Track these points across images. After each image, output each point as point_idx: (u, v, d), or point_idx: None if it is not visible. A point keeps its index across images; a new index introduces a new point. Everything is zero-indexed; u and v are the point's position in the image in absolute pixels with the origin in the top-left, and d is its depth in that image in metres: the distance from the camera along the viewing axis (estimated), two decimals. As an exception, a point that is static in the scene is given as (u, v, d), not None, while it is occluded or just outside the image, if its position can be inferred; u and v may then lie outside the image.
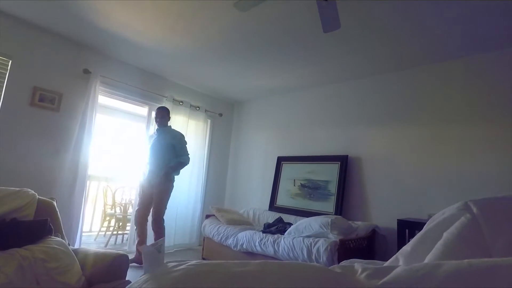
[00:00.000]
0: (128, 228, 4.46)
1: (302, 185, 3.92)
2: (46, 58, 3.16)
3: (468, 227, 0.47)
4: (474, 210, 0.50)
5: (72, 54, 3.36)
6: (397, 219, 2.84)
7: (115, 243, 4.46)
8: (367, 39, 2.84)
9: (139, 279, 0.41)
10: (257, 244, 3.07)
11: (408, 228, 2.77)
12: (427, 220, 2.40)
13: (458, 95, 3.00)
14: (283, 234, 3.06)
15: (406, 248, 0.55)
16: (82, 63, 3.42)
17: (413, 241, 0.56)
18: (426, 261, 0.45)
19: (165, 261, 0.47)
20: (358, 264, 0.37)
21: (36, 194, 1.88)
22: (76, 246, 3.07)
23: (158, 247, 0.48)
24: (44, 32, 3.14)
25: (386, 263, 0.60)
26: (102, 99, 4.04)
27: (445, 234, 0.48)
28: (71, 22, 2.95)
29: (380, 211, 3.30)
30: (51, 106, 3.17)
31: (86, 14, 2.79)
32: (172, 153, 3.35)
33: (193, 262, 0.41)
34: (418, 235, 0.56)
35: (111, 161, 5.83)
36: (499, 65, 2.81)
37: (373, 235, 3.08)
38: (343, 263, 1.58)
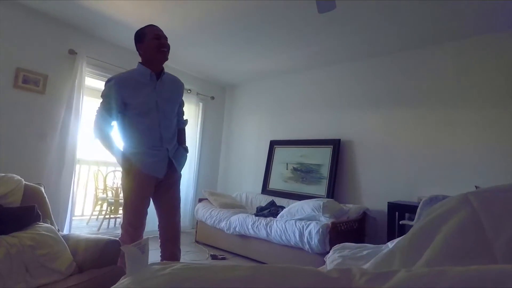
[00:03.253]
0: (120, 212, 4.44)
1: (295, 169, 3.93)
2: (29, 38, 3.01)
3: (468, 222, 0.45)
4: (474, 203, 0.48)
5: (57, 34, 3.20)
6: (388, 202, 2.88)
7: (108, 227, 4.46)
8: (362, 20, 2.76)
9: (120, 282, 0.39)
10: (249, 227, 3.10)
11: (398, 211, 2.82)
12: (417, 203, 2.42)
13: (451, 79, 2.98)
14: (276, 217, 3.09)
15: (403, 242, 0.53)
16: (67, 44, 3.27)
17: (410, 234, 0.54)
18: (425, 257, 0.43)
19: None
20: (355, 268, 0.35)
21: (23, 180, 1.83)
22: (66, 231, 3.05)
23: (142, 247, 0.45)
24: (26, 10, 2.97)
25: (381, 255, 0.59)
26: (91, 81, 3.92)
27: (444, 229, 0.47)
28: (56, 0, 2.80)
29: (371, 194, 3.34)
30: (36, 88, 3.05)
31: (68, -10, 2.64)
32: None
33: (179, 265, 0.38)
34: (416, 227, 0.55)
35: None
36: (492, 48, 2.78)
37: (364, 217, 3.13)
38: (336, 247, 1.59)
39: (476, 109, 2.82)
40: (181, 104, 2.08)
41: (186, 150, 2.04)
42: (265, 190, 4.15)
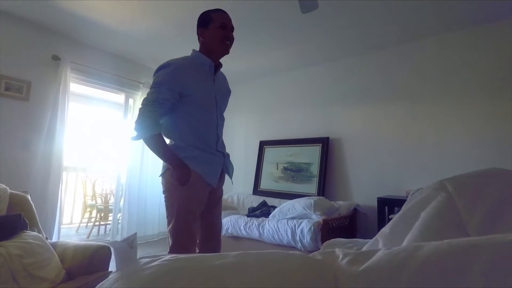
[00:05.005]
0: (110, 218, 4.37)
1: (285, 168, 3.95)
2: (10, 45, 2.94)
3: (444, 206, 0.47)
4: (450, 188, 0.51)
5: (39, 40, 3.14)
6: (377, 197, 2.92)
7: (98, 233, 4.38)
8: (341, 20, 2.81)
9: (110, 277, 0.39)
10: (242, 228, 3.10)
11: (387, 206, 2.86)
12: (406, 197, 2.48)
13: (432, 73, 3.06)
14: (268, 217, 3.10)
15: (385, 229, 0.55)
16: (50, 49, 3.21)
17: (392, 222, 0.56)
18: (405, 242, 0.45)
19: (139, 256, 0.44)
20: (339, 250, 0.36)
21: (8, 188, 1.79)
22: (55, 239, 2.98)
23: (130, 242, 0.45)
24: (7, 16, 2.91)
25: (366, 245, 0.60)
26: (75, 87, 3.86)
27: (422, 214, 0.49)
28: (36, 4, 2.74)
29: (361, 190, 3.38)
30: (19, 95, 2.98)
31: (50, -5, 2.59)
32: None
33: (167, 257, 0.39)
34: (397, 216, 0.57)
35: (89, 151, 5.65)
36: (473, 42, 2.87)
37: (355, 213, 3.17)
38: (326, 243, 1.61)
39: (458, 103, 2.90)
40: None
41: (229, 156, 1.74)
42: (256, 190, 4.16)
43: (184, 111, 1.47)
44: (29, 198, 1.88)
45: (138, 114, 1.39)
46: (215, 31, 1.52)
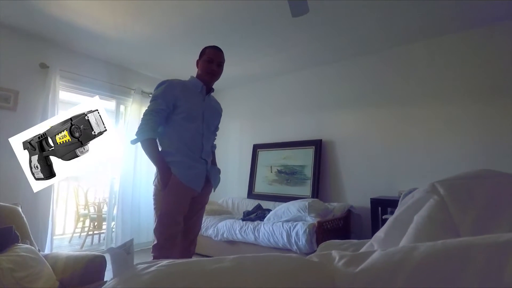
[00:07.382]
0: (104, 227, 4.31)
1: (279, 171, 3.96)
2: (-4, 53, 2.90)
3: (436, 209, 0.49)
4: (441, 191, 0.52)
5: (26, 47, 3.10)
6: (370, 198, 2.95)
7: (92, 243, 4.31)
8: (332, 25, 2.85)
9: (107, 283, 0.39)
10: (237, 232, 3.09)
11: (380, 206, 2.89)
12: (398, 197, 2.51)
13: (422, 77, 3.12)
14: (263, 221, 3.10)
15: (380, 234, 0.56)
16: (38, 57, 3.17)
17: (385, 226, 0.58)
18: (400, 245, 0.46)
19: (135, 262, 0.44)
20: (335, 252, 0.37)
21: (-3, 200, 1.76)
22: (47, 251, 2.93)
23: (127, 248, 0.45)
24: (-9, 24, 2.87)
25: (362, 249, 0.61)
26: (65, 95, 3.81)
27: (415, 217, 0.50)
28: (21, 11, 2.71)
29: (354, 192, 3.41)
30: (6, 105, 2.93)
31: (36, 2, 2.56)
32: None
33: (165, 262, 0.39)
34: (390, 219, 0.58)
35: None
36: (458, 47, 2.94)
37: (349, 215, 3.19)
38: (322, 245, 1.62)
39: (447, 106, 2.95)
40: (216, 128, 2.09)
41: (219, 171, 2.03)
42: (250, 194, 4.16)
43: (174, 121, 1.76)
44: (20, 210, 1.85)
45: (140, 122, 1.71)
46: (203, 63, 1.86)
